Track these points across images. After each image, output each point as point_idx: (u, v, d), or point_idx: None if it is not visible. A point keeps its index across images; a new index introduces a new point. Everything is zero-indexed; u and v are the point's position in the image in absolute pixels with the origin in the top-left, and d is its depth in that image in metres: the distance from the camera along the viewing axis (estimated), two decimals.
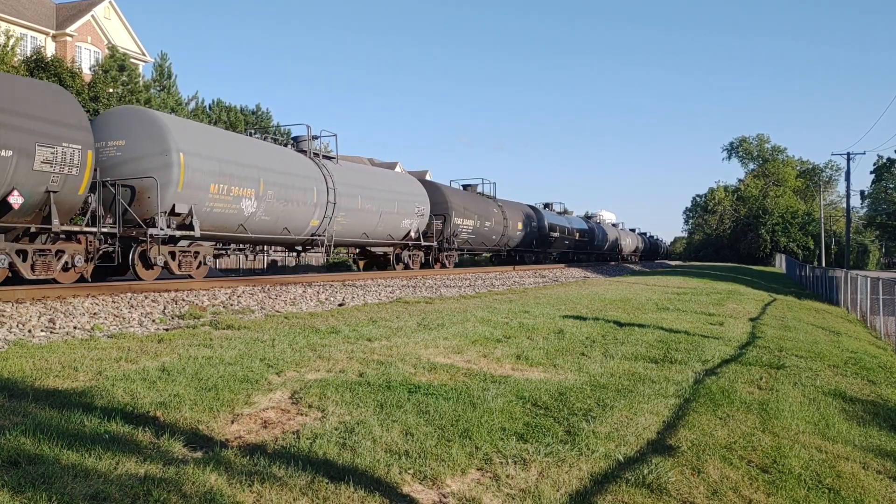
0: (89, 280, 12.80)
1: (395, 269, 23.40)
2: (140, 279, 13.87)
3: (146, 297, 11.20)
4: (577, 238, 44.42)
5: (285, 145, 19.51)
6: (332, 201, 18.97)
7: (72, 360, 5.97)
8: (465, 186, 31.74)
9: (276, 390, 5.32)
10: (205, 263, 15.57)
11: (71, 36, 39.60)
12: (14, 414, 4.27)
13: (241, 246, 17.94)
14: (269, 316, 10.28)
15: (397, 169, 26.88)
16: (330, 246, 19.62)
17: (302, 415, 4.77)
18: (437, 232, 25.64)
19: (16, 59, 27.78)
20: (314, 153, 19.68)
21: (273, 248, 20.77)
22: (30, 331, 7.98)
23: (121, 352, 6.54)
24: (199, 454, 3.87)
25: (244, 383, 5.38)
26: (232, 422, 4.55)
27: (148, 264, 14.00)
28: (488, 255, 35.95)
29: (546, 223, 38.10)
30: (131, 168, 13.83)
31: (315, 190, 18.35)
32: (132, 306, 10.33)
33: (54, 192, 11.73)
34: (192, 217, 14.21)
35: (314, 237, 19.05)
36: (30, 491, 3.15)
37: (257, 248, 19.22)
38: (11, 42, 28.14)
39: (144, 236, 13.37)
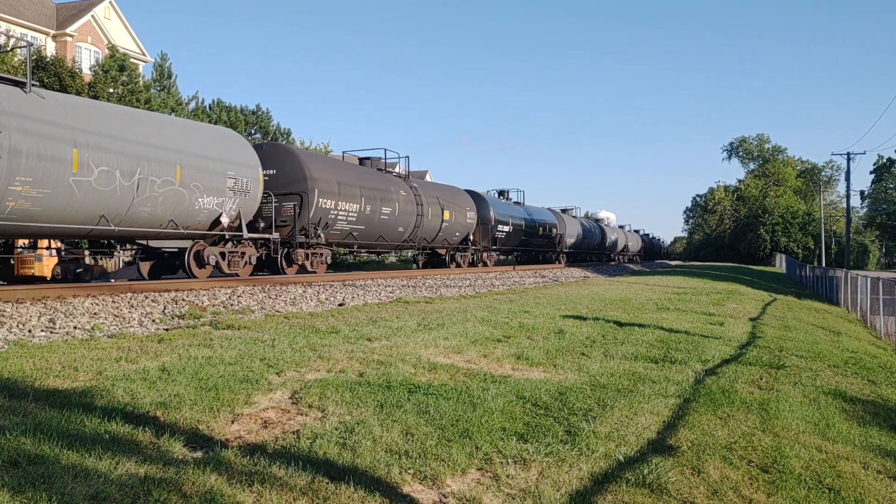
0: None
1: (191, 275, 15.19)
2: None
3: (146, 297, 11.20)
4: (530, 230, 35.74)
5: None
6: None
7: (72, 360, 5.97)
8: (360, 161, 23.81)
9: (276, 390, 5.32)
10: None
11: (71, 36, 39.61)
12: (14, 414, 4.27)
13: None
14: (269, 316, 10.28)
15: (397, 169, 26.10)
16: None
17: (302, 415, 4.77)
18: (290, 218, 18.10)
19: (16, 60, 27.77)
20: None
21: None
22: (30, 331, 7.98)
23: (121, 352, 6.54)
24: (199, 454, 3.87)
25: (244, 383, 5.38)
26: (232, 422, 4.55)
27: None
28: (394, 255, 32.24)
29: (492, 214, 30.41)
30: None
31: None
32: (132, 306, 10.33)
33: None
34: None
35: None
36: (30, 491, 3.15)
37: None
38: (12, 42, 28.14)
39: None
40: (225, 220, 15.31)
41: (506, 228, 32.31)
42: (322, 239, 18.90)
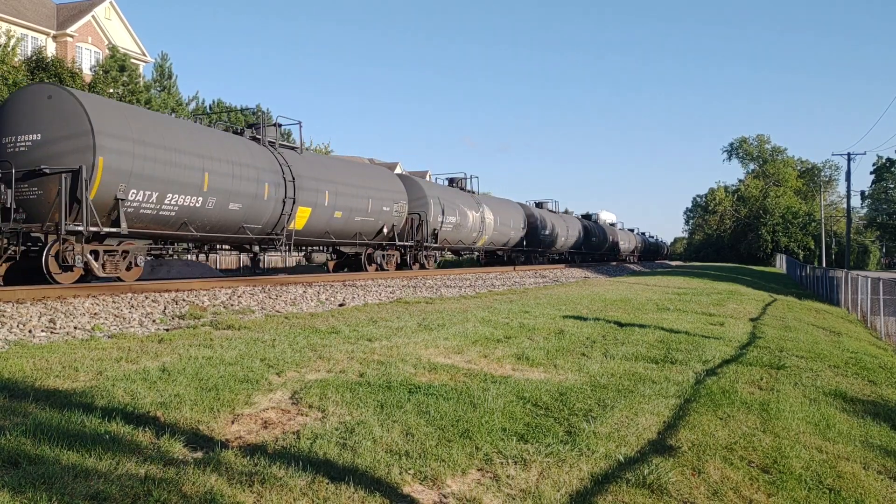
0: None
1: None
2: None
3: (146, 298, 11.20)
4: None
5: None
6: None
7: (72, 361, 5.97)
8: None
9: (276, 390, 5.32)
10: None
11: (71, 36, 39.61)
12: (14, 414, 4.27)
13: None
14: (269, 316, 10.28)
15: (398, 170, 26.02)
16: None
17: (302, 415, 4.77)
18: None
19: (16, 60, 27.79)
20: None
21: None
22: (30, 331, 7.98)
23: (121, 352, 6.54)
24: (199, 454, 3.87)
25: (244, 383, 5.38)
26: (232, 422, 4.55)
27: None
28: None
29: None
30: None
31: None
32: (133, 306, 10.33)
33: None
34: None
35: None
36: (30, 491, 3.15)
37: None
38: (12, 42, 28.15)
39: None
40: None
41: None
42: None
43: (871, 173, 70.03)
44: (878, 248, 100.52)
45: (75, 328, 8.40)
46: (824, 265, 66.24)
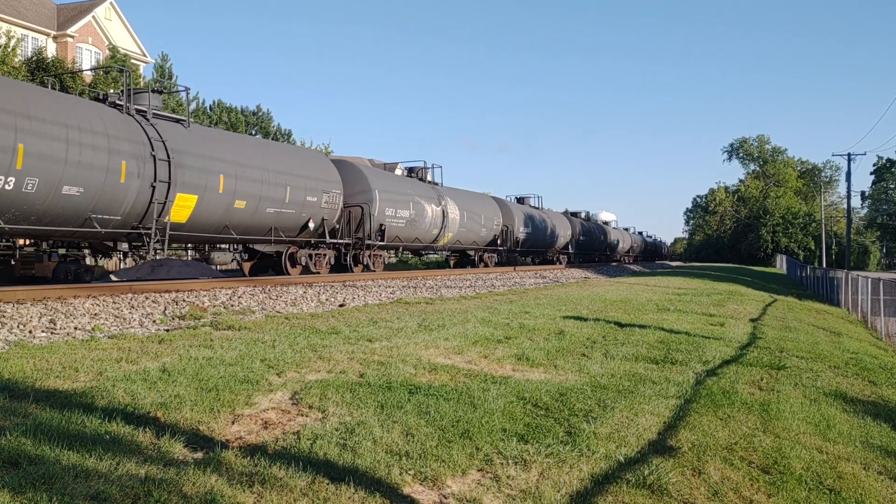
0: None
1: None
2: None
3: (147, 298, 11.20)
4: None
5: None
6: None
7: (72, 361, 5.97)
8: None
9: (276, 391, 5.32)
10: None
11: (72, 37, 39.61)
12: (15, 414, 4.27)
13: None
14: (269, 316, 10.28)
15: (397, 171, 25.39)
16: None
17: (302, 415, 4.77)
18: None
19: (16, 60, 27.80)
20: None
21: None
22: (30, 331, 7.98)
23: (121, 352, 6.54)
24: (199, 455, 3.87)
25: (245, 384, 5.38)
26: (232, 422, 4.55)
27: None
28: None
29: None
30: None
31: None
32: (133, 307, 10.33)
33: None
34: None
35: None
36: (30, 491, 3.15)
37: None
38: (12, 43, 28.17)
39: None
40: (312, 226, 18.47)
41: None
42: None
43: (872, 174, 69.89)
44: (878, 248, 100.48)
45: (75, 329, 8.40)
46: (824, 266, 66.21)
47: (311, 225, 18.38)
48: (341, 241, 19.89)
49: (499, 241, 31.47)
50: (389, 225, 21.95)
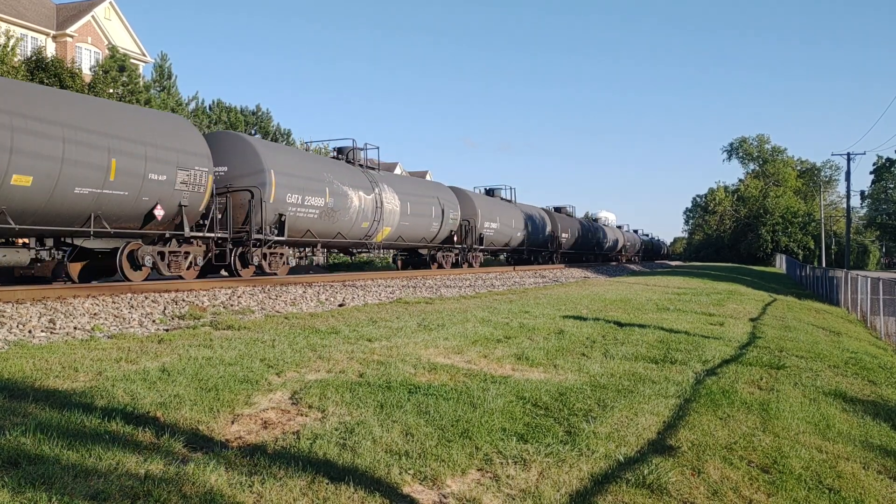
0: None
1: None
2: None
3: (146, 298, 11.20)
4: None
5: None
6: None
7: (72, 361, 5.97)
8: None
9: (276, 391, 5.32)
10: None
11: (71, 36, 39.60)
12: (14, 414, 4.27)
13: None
14: (269, 316, 10.28)
15: (397, 170, 25.88)
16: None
17: (302, 415, 4.77)
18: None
19: (16, 60, 27.77)
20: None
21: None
22: (30, 331, 7.98)
23: (121, 352, 6.54)
24: (199, 454, 3.87)
25: (244, 384, 5.38)
26: (232, 422, 4.55)
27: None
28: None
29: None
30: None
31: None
32: (132, 307, 10.33)
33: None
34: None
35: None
36: (30, 491, 3.15)
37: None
38: (12, 42, 28.14)
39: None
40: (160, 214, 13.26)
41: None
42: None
43: (871, 173, 70.03)
44: (877, 248, 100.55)
45: (75, 328, 8.40)
46: (824, 265, 66.26)
47: (159, 213, 13.42)
48: (210, 234, 15.03)
49: (456, 238, 27.33)
50: (293, 215, 17.33)
